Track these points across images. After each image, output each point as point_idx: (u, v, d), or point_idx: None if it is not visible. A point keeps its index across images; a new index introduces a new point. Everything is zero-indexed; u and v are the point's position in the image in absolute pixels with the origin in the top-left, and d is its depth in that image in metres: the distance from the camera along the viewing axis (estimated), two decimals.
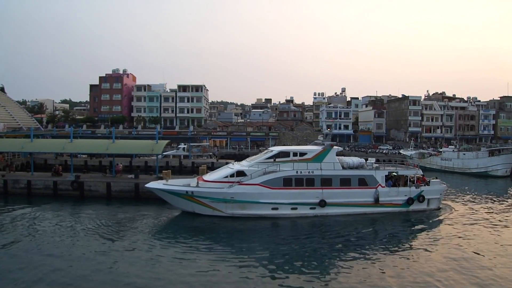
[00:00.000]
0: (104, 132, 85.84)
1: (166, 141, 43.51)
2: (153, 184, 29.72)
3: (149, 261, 19.02)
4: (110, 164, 43.78)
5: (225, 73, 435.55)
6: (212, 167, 51.94)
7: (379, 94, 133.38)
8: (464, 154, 61.03)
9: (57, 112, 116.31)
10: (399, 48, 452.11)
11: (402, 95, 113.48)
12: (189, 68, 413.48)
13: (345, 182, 28.95)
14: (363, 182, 29.25)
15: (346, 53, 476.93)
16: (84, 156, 57.08)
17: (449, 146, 71.05)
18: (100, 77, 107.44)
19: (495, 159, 58.01)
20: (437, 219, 29.13)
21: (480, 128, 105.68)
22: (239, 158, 73.83)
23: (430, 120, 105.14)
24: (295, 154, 29.54)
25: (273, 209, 27.75)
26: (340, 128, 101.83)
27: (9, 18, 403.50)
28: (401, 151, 77.28)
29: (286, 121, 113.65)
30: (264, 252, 21.02)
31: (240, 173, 28.15)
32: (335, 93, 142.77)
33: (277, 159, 29.18)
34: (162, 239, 23.08)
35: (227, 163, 57.76)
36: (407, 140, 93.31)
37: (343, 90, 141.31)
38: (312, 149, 30.30)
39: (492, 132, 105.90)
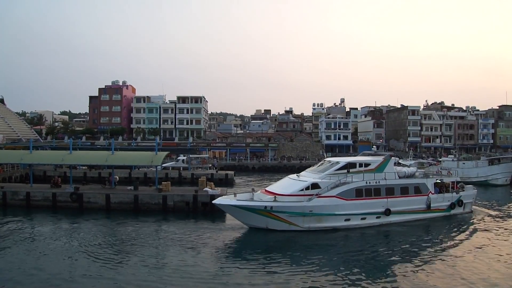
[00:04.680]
0: (104, 144, 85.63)
1: (166, 153, 43.42)
2: (223, 200, 28.15)
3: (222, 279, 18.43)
4: (109, 175, 43.64)
5: (224, 84, 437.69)
6: (211, 179, 51.79)
7: (378, 104, 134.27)
8: (464, 163, 60.87)
9: (56, 124, 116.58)
10: (397, 58, 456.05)
11: (401, 105, 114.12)
12: (189, 80, 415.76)
13: (404, 190, 30.45)
14: (417, 190, 30.99)
15: (345, 64, 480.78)
16: (83, 167, 57.05)
17: (449, 156, 70.94)
18: (99, 89, 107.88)
19: (495, 168, 58.09)
20: (477, 221, 31.52)
21: (479, 137, 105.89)
22: (239, 169, 74.21)
23: (429, 130, 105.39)
24: (360, 165, 30.18)
25: (345, 220, 27.89)
26: (339, 138, 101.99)
27: (8, 30, 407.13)
28: (400, 161, 77.00)
29: (285, 132, 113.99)
30: (343, 265, 20.72)
31: (315, 186, 27.86)
32: (334, 103, 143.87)
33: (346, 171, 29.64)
34: (236, 257, 22.38)
35: (227, 175, 58.72)
36: (407, 150, 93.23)
37: (342, 100, 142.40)
38: (374, 160, 31.29)
39: (491, 141, 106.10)
